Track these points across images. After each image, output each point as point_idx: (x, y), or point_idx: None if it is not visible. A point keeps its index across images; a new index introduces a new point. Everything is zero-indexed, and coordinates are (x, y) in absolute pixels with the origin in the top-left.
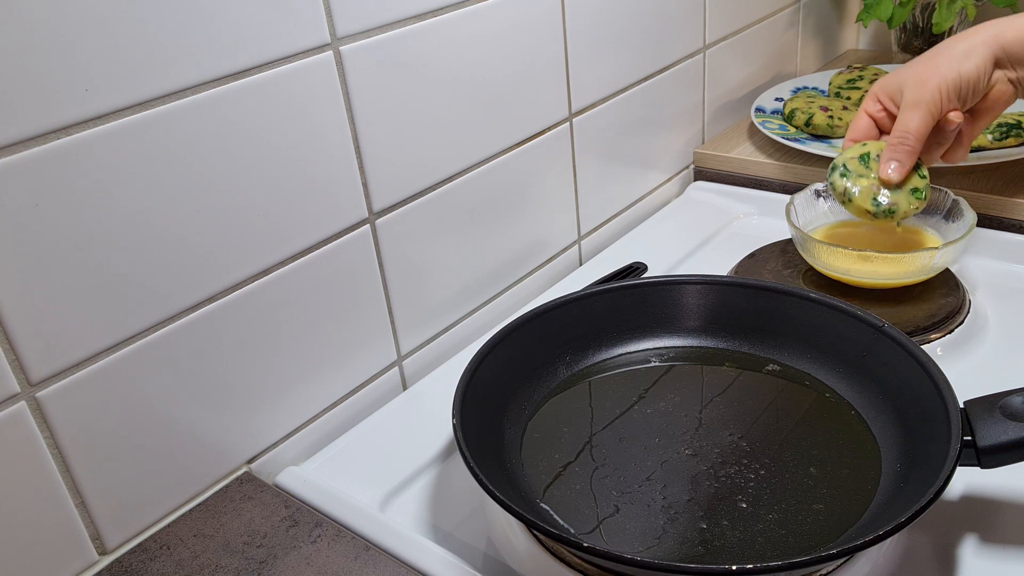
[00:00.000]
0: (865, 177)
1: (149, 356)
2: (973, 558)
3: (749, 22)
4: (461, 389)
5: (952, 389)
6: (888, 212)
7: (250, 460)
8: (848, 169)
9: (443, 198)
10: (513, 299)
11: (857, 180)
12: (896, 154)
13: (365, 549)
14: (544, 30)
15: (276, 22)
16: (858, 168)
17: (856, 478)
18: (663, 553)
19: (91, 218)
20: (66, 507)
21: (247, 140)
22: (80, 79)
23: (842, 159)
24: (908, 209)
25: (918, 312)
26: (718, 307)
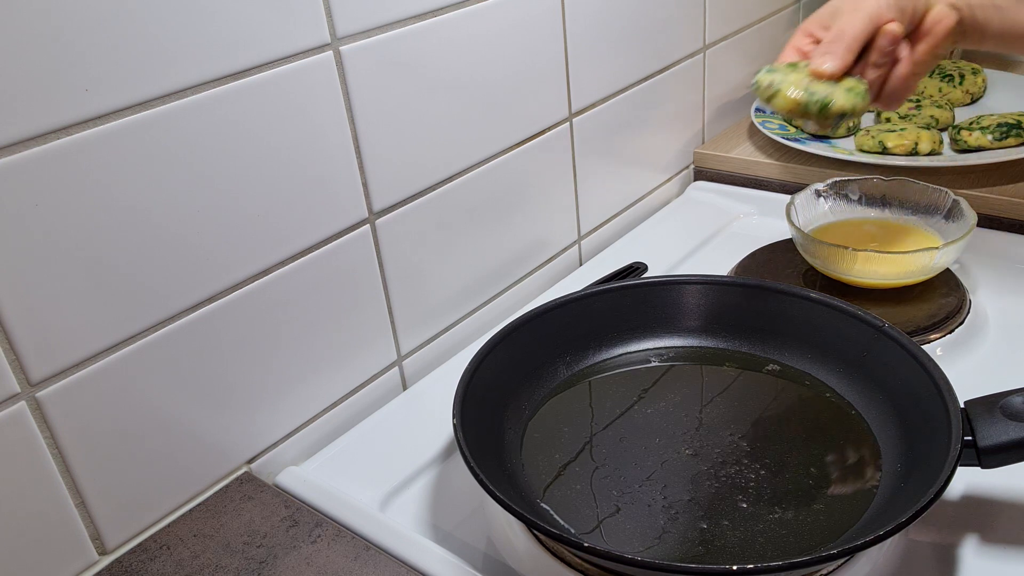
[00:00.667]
0: (796, 73)
1: (149, 356)
2: (973, 558)
3: (749, 22)
4: (461, 389)
5: (952, 389)
6: (822, 105)
7: (250, 460)
8: (775, 68)
9: (443, 198)
10: (513, 299)
11: (786, 75)
12: (830, 48)
13: (365, 549)
14: (544, 30)
15: (276, 22)
16: (788, 69)
17: (856, 478)
18: (663, 553)
19: (91, 218)
20: (66, 507)
21: (247, 140)
22: (80, 79)
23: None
24: (844, 104)
25: (918, 312)
26: (718, 307)
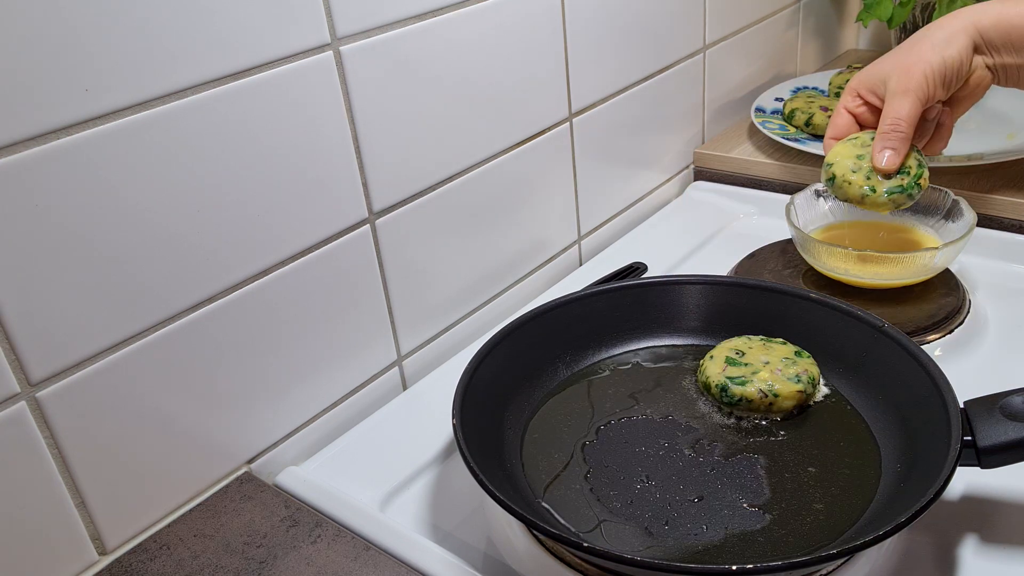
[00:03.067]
0: (860, 172)
1: (149, 356)
2: (973, 558)
3: (749, 22)
4: (461, 389)
5: (952, 389)
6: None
7: (250, 460)
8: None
9: (443, 198)
10: (513, 299)
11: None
12: (889, 141)
13: (365, 549)
14: (544, 30)
15: (276, 22)
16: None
17: (856, 478)
18: (663, 553)
19: (91, 218)
20: (66, 507)
21: (247, 140)
22: (80, 79)
23: (834, 156)
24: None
25: (918, 312)
26: (718, 307)
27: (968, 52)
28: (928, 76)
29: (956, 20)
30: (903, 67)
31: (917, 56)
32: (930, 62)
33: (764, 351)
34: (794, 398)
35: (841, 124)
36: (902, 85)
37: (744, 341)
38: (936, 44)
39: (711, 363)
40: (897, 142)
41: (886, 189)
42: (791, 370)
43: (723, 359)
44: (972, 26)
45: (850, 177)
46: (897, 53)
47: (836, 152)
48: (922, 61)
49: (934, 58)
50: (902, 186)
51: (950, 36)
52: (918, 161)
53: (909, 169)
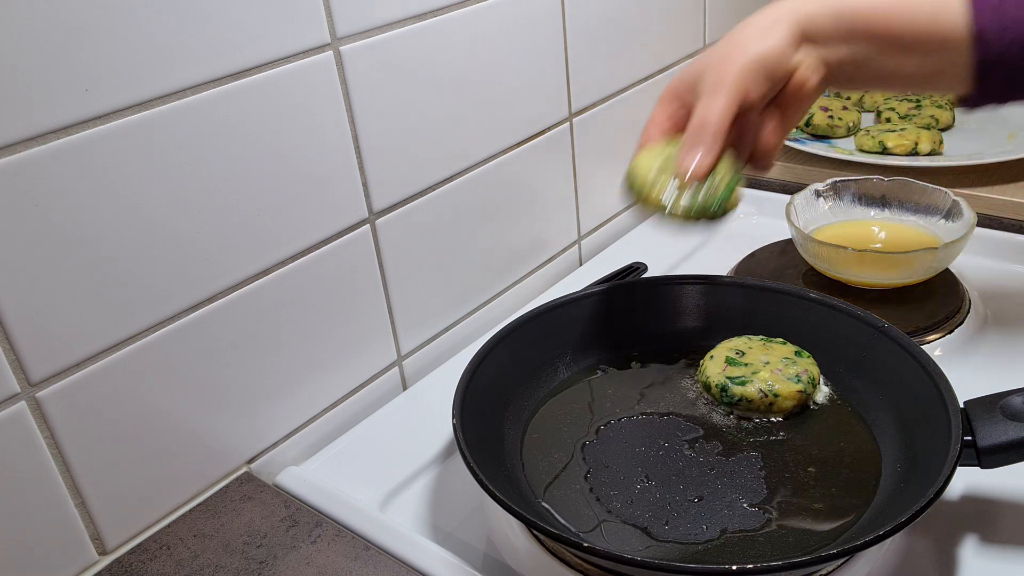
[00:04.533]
0: (660, 182)
1: (149, 356)
2: (973, 558)
3: None
4: (461, 389)
5: (952, 389)
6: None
7: (250, 460)
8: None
9: (443, 198)
10: (513, 299)
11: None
12: (695, 144)
13: (365, 549)
14: (544, 30)
15: (276, 22)
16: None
17: (856, 478)
18: (663, 553)
19: (91, 218)
20: (66, 507)
21: (247, 140)
22: (80, 79)
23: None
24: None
25: (918, 312)
26: (718, 307)
27: (790, 42)
28: (744, 69)
29: (781, 5)
30: (719, 61)
31: (734, 48)
32: (746, 53)
33: (764, 351)
34: (794, 398)
35: (653, 131)
36: (714, 81)
37: (744, 341)
38: (755, 34)
39: (711, 363)
40: (702, 144)
41: (684, 203)
42: (791, 370)
43: (723, 359)
44: (796, 11)
45: (649, 187)
46: (715, 47)
47: (638, 159)
48: (737, 53)
49: (751, 48)
50: (704, 205)
51: (771, 24)
52: (732, 175)
53: (719, 181)
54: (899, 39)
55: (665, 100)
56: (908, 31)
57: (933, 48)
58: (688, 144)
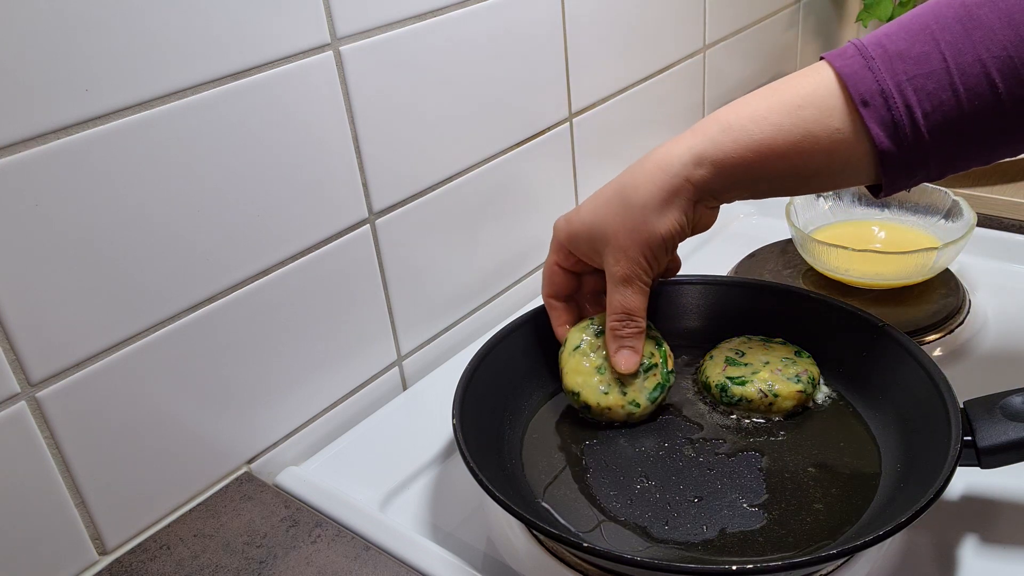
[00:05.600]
0: (611, 390)
1: (149, 356)
2: (973, 558)
3: (749, 22)
4: (461, 389)
5: (952, 389)
6: (662, 387)
7: (250, 460)
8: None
9: (443, 198)
10: (513, 299)
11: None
12: (626, 340)
13: (365, 549)
14: (544, 30)
15: (276, 22)
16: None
17: (856, 478)
18: (663, 553)
19: (91, 218)
20: (66, 507)
21: (247, 140)
22: (80, 79)
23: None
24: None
25: (918, 312)
26: (718, 307)
27: (689, 214)
28: (647, 257)
29: (667, 177)
30: (620, 247)
31: (632, 235)
32: (647, 241)
33: (764, 351)
34: (794, 398)
35: (559, 281)
36: (622, 269)
37: (744, 341)
38: (649, 217)
39: (711, 363)
40: (633, 339)
41: (648, 397)
42: (791, 370)
43: (723, 359)
44: (687, 184)
45: (605, 401)
46: (611, 221)
47: (574, 377)
48: (638, 242)
49: (651, 236)
50: (660, 383)
51: (665, 201)
52: (655, 340)
53: (652, 357)
54: (800, 177)
55: (560, 253)
56: (809, 170)
57: (835, 172)
58: (617, 343)
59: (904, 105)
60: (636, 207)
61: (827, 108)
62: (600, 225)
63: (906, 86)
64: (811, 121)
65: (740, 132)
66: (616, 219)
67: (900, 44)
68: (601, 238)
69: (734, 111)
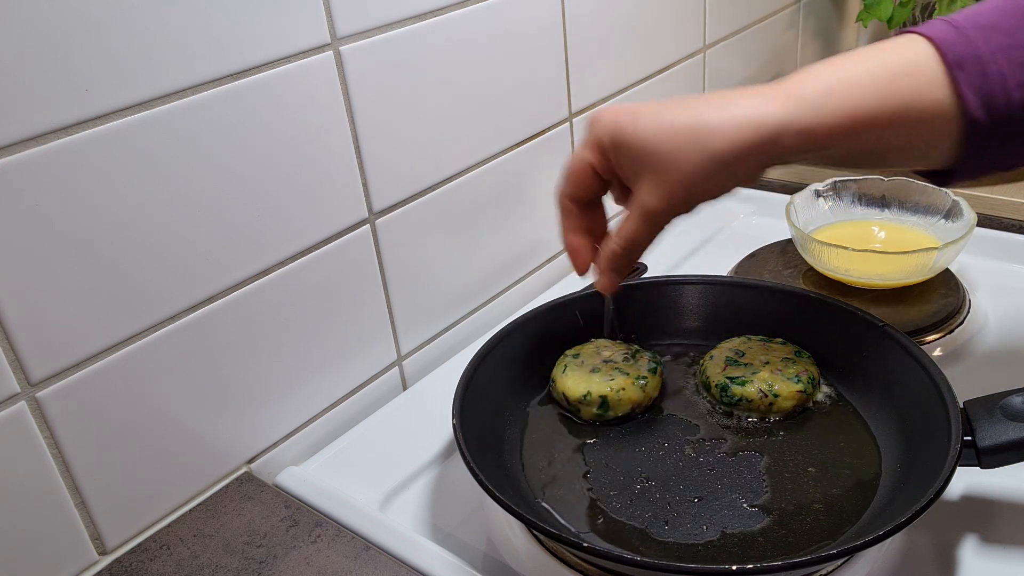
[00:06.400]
0: (615, 379)
1: (149, 356)
2: (973, 558)
3: (749, 22)
4: (461, 389)
5: (952, 389)
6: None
7: (250, 460)
8: (599, 386)
9: (443, 198)
10: (513, 299)
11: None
12: (618, 267)
13: (365, 549)
14: (544, 30)
15: (276, 22)
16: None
17: (856, 478)
18: (663, 553)
19: (91, 218)
20: (66, 507)
21: (247, 140)
22: (80, 79)
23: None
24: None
25: (918, 312)
26: (718, 307)
27: (751, 178)
28: (689, 205)
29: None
30: (668, 179)
31: (692, 172)
32: (701, 193)
33: (764, 351)
34: (794, 398)
35: (586, 184)
36: (656, 204)
37: (744, 341)
38: (719, 169)
39: (711, 363)
40: (624, 267)
41: (648, 368)
42: (791, 370)
43: (723, 359)
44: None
45: (617, 385)
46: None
47: (578, 384)
48: (693, 186)
49: (709, 189)
50: (650, 359)
51: (741, 160)
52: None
53: (629, 349)
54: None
55: (594, 150)
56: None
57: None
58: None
59: (998, 73)
60: (707, 154)
61: (925, 77)
62: (658, 150)
63: (999, 55)
64: (910, 90)
65: (842, 98)
66: (679, 154)
67: (990, 18)
68: (651, 162)
69: (833, 74)
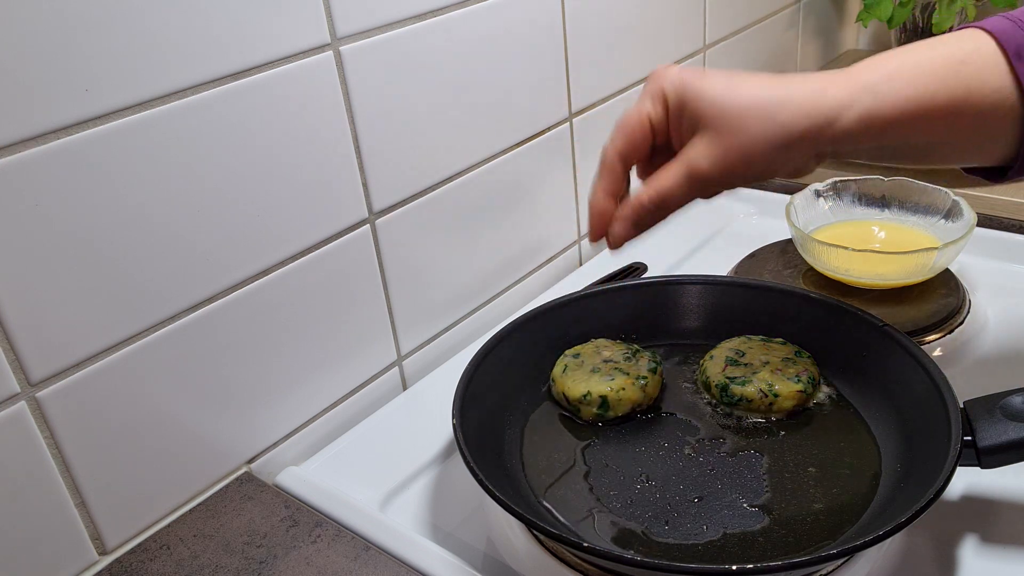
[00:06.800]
0: (615, 377)
1: (149, 356)
2: (973, 558)
3: (749, 22)
4: (461, 389)
5: (952, 389)
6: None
7: (250, 460)
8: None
9: (443, 198)
10: (513, 299)
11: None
12: (641, 221)
13: (365, 549)
14: (544, 30)
15: (276, 22)
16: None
17: (856, 478)
18: (663, 553)
19: (91, 218)
20: (66, 507)
21: (247, 140)
22: (80, 79)
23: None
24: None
25: (918, 312)
26: (718, 307)
27: (803, 163)
28: (736, 175)
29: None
30: (726, 142)
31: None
32: (756, 167)
33: (764, 351)
34: (794, 398)
35: (638, 138)
36: (705, 166)
37: (744, 341)
38: (777, 143)
39: (711, 363)
40: (646, 224)
41: (648, 368)
42: (791, 370)
43: (723, 359)
44: (827, 131)
45: (617, 385)
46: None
47: (578, 385)
48: (749, 154)
49: (762, 159)
50: (650, 359)
51: (801, 138)
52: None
53: (629, 350)
54: (939, 144)
55: (654, 99)
56: (953, 134)
57: (976, 140)
58: (634, 217)
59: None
60: (774, 124)
61: (987, 67)
62: (725, 111)
63: None
64: (971, 78)
65: (903, 83)
66: (746, 120)
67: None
68: (715, 123)
69: (895, 60)
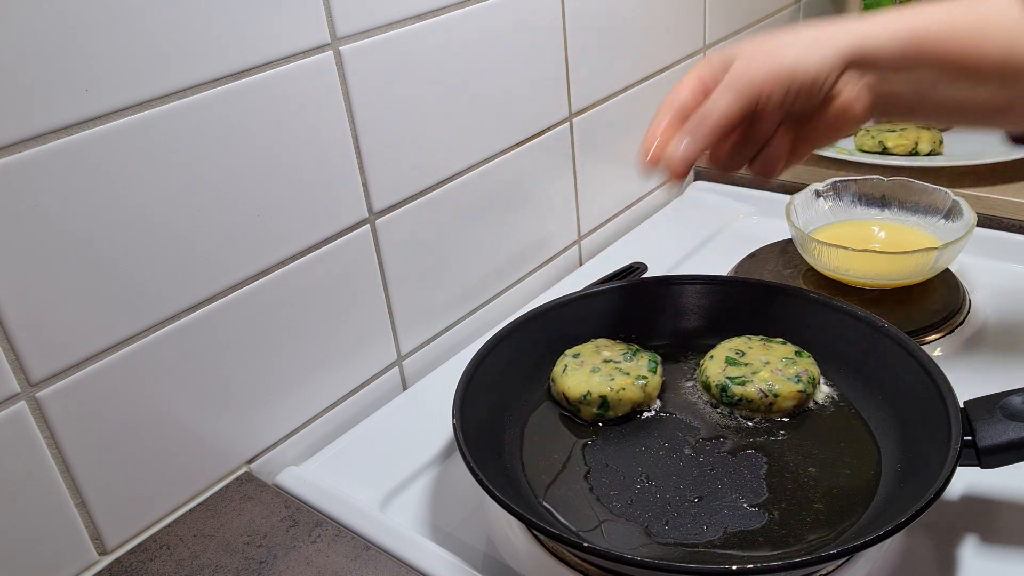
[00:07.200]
0: (616, 378)
1: (149, 356)
2: (973, 558)
3: (749, 22)
4: (461, 389)
5: (952, 389)
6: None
7: (250, 460)
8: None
9: (443, 198)
10: (513, 299)
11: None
12: (691, 131)
13: (365, 549)
14: (544, 30)
15: (276, 22)
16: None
17: (856, 478)
18: (663, 553)
19: (91, 218)
20: (66, 507)
21: (247, 140)
22: (80, 79)
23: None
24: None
25: (918, 312)
26: (718, 307)
27: (834, 64)
28: (770, 75)
29: (839, 26)
30: (751, 56)
31: (771, 50)
32: (779, 62)
33: (764, 351)
34: (794, 398)
35: (687, 95)
36: (735, 76)
37: (744, 341)
38: (798, 43)
39: (711, 363)
40: (698, 133)
41: (648, 368)
42: (791, 370)
43: (723, 359)
44: (855, 33)
45: (617, 385)
46: (762, 39)
47: (578, 385)
48: (771, 58)
49: (785, 59)
50: (650, 358)
51: (821, 40)
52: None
53: (629, 349)
54: (973, 66)
55: (704, 64)
56: (983, 57)
57: (1010, 77)
58: (685, 129)
59: None
60: (788, 35)
61: (997, 8)
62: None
63: None
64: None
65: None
66: (765, 39)
67: None
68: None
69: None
